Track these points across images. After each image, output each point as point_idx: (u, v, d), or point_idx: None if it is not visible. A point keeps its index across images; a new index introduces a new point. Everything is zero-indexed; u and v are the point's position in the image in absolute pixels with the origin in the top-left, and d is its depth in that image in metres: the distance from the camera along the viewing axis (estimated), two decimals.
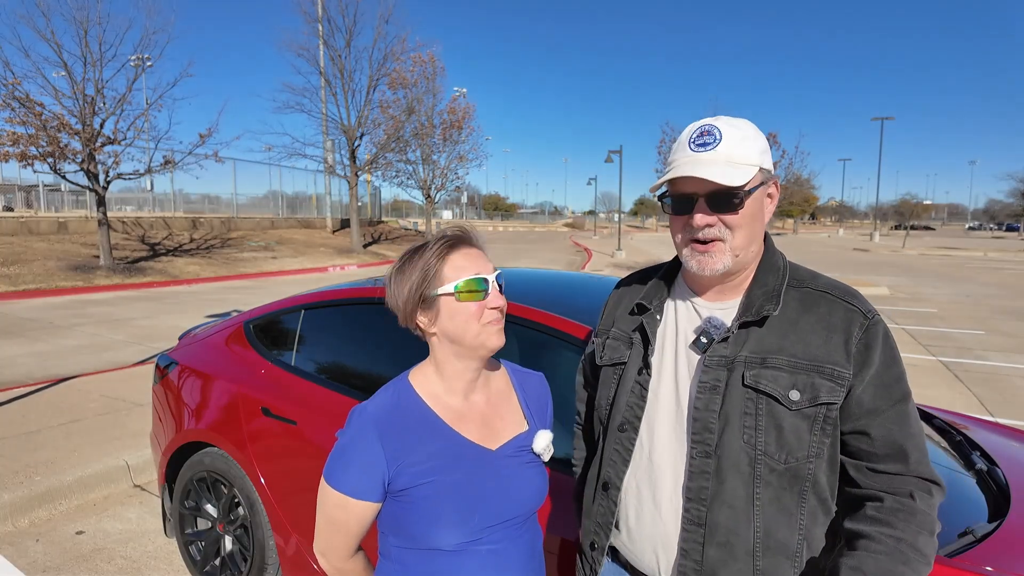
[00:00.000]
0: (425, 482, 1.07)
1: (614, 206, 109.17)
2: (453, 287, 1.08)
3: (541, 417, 1.29)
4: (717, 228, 1.05)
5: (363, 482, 1.06)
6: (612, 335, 1.27)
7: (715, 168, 1.02)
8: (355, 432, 1.09)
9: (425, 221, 32.42)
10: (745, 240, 1.07)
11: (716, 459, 1.04)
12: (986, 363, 7.25)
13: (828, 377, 1.01)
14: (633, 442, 1.16)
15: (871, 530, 0.99)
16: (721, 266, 1.06)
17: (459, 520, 1.07)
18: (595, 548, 1.23)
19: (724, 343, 1.07)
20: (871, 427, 1.02)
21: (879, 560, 0.95)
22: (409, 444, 1.08)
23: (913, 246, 36.36)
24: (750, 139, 1.06)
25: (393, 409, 1.11)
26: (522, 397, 1.27)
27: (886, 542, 0.97)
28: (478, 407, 1.18)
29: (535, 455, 1.21)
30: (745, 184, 1.03)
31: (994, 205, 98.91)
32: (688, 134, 1.09)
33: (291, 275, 17.67)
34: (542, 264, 22.03)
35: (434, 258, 1.09)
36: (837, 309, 1.05)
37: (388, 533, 1.13)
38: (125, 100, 14.68)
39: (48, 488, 3.49)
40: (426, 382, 1.16)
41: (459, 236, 1.13)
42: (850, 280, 15.68)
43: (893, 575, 0.94)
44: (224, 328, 2.95)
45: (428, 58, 27.40)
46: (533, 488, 1.18)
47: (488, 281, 1.11)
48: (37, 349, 7.40)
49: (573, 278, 2.89)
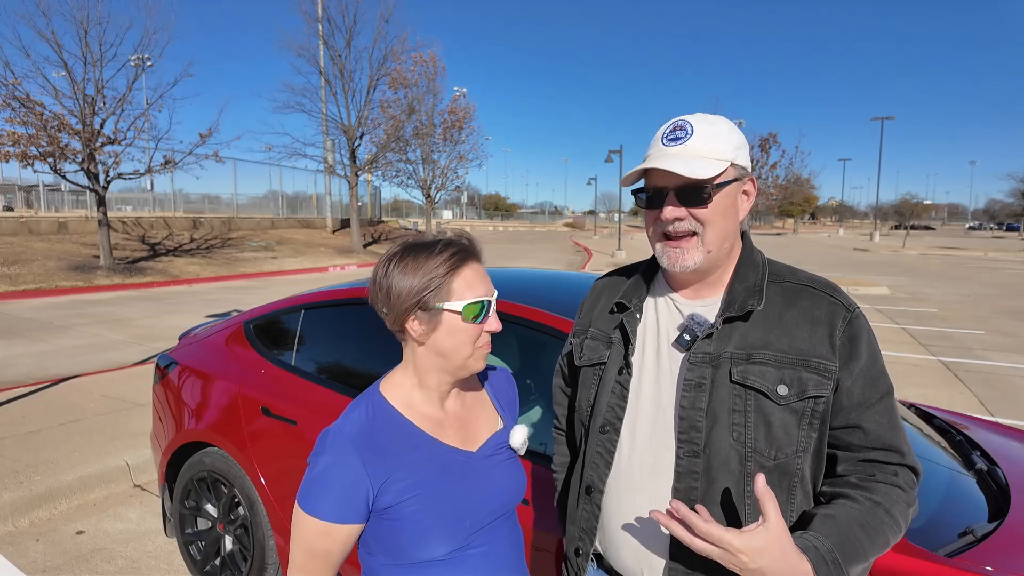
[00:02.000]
0: (412, 496, 1.04)
1: (614, 206, 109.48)
2: (462, 305, 1.04)
3: (512, 411, 1.28)
4: (688, 222, 1.05)
5: (345, 505, 1.01)
6: (590, 335, 1.25)
7: (681, 161, 1.02)
8: (333, 454, 1.02)
9: (425, 221, 32.43)
10: (717, 236, 1.06)
11: (705, 458, 1.03)
12: (986, 363, 7.25)
13: (815, 371, 1.01)
14: (615, 444, 1.14)
15: (850, 491, 1.02)
16: (692, 262, 1.06)
17: (450, 528, 1.05)
18: (580, 554, 1.21)
19: (708, 340, 1.06)
20: (863, 420, 1.02)
21: (852, 512, 0.98)
22: (391, 460, 1.04)
23: (913, 246, 36.35)
24: (723, 134, 1.05)
25: (370, 425, 1.06)
26: (492, 394, 1.26)
27: (863, 502, 0.99)
28: (454, 411, 1.16)
29: (513, 451, 1.20)
30: (714, 177, 1.02)
31: (994, 205, 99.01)
32: (663, 130, 1.09)
33: (291, 275, 17.67)
34: (542, 264, 22.03)
35: (443, 267, 1.04)
36: (820, 302, 1.05)
37: (376, 552, 1.08)
38: (125, 100, 14.72)
39: (48, 488, 3.50)
40: (400, 392, 1.12)
41: (471, 249, 1.09)
42: (850, 280, 15.69)
43: (865, 527, 0.96)
44: (224, 328, 2.95)
45: (429, 58, 27.45)
46: (515, 484, 1.18)
47: (491, 304, 1.08)
48: (37, 349, 7.40)
49: (572, 278, 2.89)
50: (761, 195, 28.60)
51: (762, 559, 0.87)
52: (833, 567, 0.91)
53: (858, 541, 0.95)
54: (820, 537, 0.94)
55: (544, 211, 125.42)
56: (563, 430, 1.42)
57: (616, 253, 26.22)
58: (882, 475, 1.02)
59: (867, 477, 1.02)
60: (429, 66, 27.59)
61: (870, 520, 0.97)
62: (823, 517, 0.98)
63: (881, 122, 47.73)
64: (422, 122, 27.54)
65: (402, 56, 25.48)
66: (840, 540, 0.94)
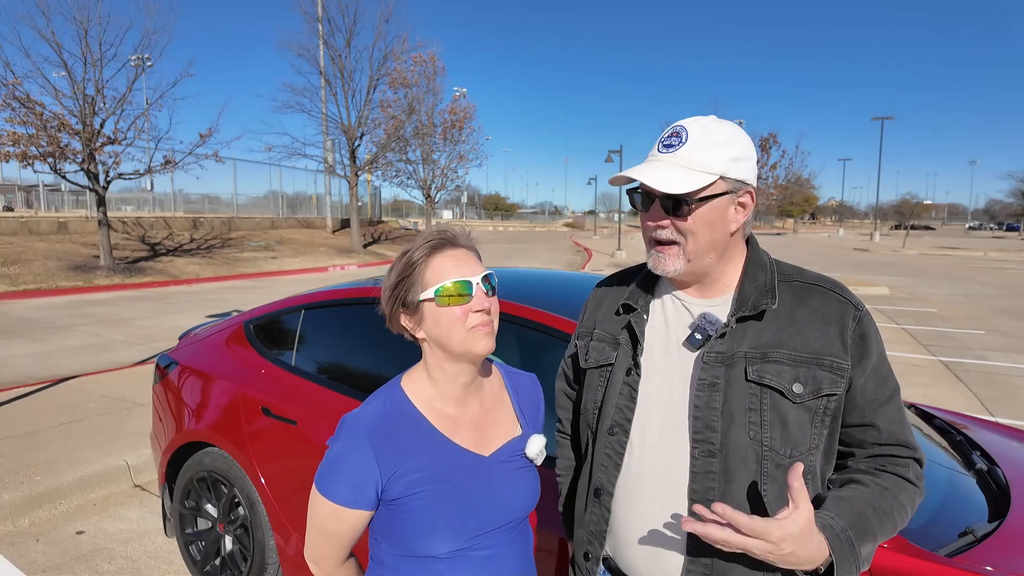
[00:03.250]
0: (419, 491, 1.06)
1: (614, 206, 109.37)
2: (433, 292, 1.05)
3: (534, 420, 1.26)
4: (670, 231, 1.06)
5: (356, 491, 1.04)
6: (596, 336, 1.24)
7: (660, 173, 1.02)
8: (347, 441, 1.06)
9: (425, 221, 32.44)
10: (699, 247, 1.05)
11: (722, 458, 1.03)
12: (986, 363, 7.25)
13: (828, 369, 1.02)
14: (624, 445, 1.13)
15: (861, 476, 1.05)
16: (672, 269, 1.07)
17: (453, 528, 1.06)
18: (589, 558, 1.20)
19: (721, 339, 1.06)
20: (877, 418, 1.04)
21: (864, 494, 1.01)
22: (402, 453, 1.06)
23: (913, 246, 36.34)
24: (718, 145, 1.03)
25: (385, 417, 1.09)
26: (515, 400, 1.25)
27: (874, 487, 1.02)
28: (471, 412, 1.16)
29: (528, 460, 1.19)
30: (695, 192, 1.01)
31: (994, 205, 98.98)
32: (664, 133, 1.09)
33: (291, 275, 17.67)
34: (542, 264, 22.03)
35: (414, 262, 1.07)
36: (830, 301, 1.07)
37: (381, 540, 1.11)
38: (125, 100, 14.72)
39: (48, 488, 3.50)
40: (418, 388, 1.14)
41: (443, 238, 1.10)
42: (851, 280, 15.68)
43: (876, 509, 0.99)
44: (224, 328, 2.95)
45: (428, 58, 27.47)
46: (526, 493, 1.17)
47: (472, 284, 1.07)
48: (37, 349, 7.40)
49: (573, 278, 2.89)
50: (761, 195, 28.51)
51: (796, 544, 0.90)
52: (847, 545, 0.94)
53: (869, 522, 0.98)
54: (835, 517, 0.96)
55: (544, 211, 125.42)
56: (567, 434, 1.41)
57: (616, 253, 26.22)
58: (892, 467, 1.05)
59: (878, 468, 1.05)
60: (429, 66, 27.62)
61: (881, 503, 1.00)
62: (836, 499, 1.01)
63: (881, 122, 47.72)
64: (422, 122, 27.56)
65: (402, 56, 25.51)
66: (853, 520, 0.97)
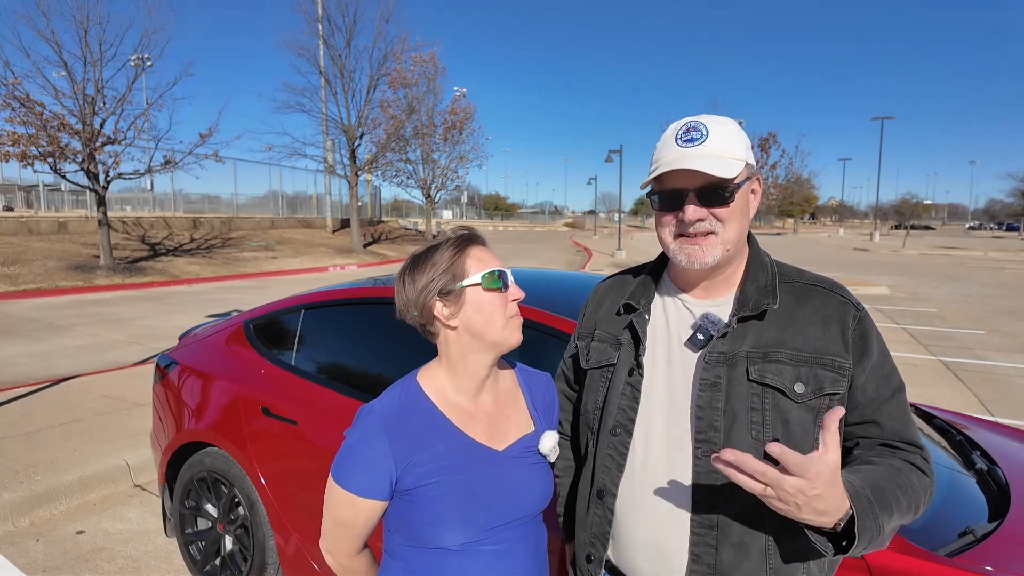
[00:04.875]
0: (432, 482, 1.07)
1: (614, 206, 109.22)
2: (480, 276, 1.09)
3: (548, 417, 1.28)
4: (708, 222, 1.06)
5: (371, 481, 1.07)
6: (597, 337, 1.25)
7: (707, 161, 1.03)
8: (363, 432, 1.09)
9: (425, 221, 32.43)
10: (735, 233, 1.08)
11: None
12: (986, 363, 7.25)
13: (830, 368, 1.02)
14: (627, 446, 1.13)
15: (871, 458, 1.04)
16: (711, 259, 1.07)
17: (465, 520, 1.07)
18: (591, 560, 1.19)
19: (723, 339, 1.07)
20: (879, 416, 1.05)
21: (877, 470, 0.99)
22: (417, 444, 1.08)
23: (913, 246, 36.34)
24: (734, 135, 1.07)
25: (401, 409, 1.11)
26: (529, 397, 1.26)
27: (885, 466, 1.01)
28: (486, 407, 1.18)
29: (541, 456, 1.20)
30: (735, 177, 1.04)
31: (994, 205, 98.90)
32: (674, 131, 1.09)
33: (291, 275, 17.67)
34: (542, 264, 22.02)
35: (453, 253, 1.10)
36: (830, 301, 1.08)
37: (394, 531, 1.13)
38: (125, 100, 14.70)
39: (48, 488, 3.50)
40: (434, 382, 1.16)
41: (474, 235, 1.15)
42: (851, 280, 15.68)
43: (892, 481, 0.97)
44: (224, 328, 2.95)
45: (428, 57, 27.44)
46: (539, 489, 1.18)
47: (508, 274, 1.13)
48: (38, 349, 7.40)
49: (573, 277, 2.89)
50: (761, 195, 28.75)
51: (824, 485, 0.85)
52: (867, 502, 0.90)
53: (887, 492, 0.95)
54: (853, 478, 0.94)
55: (544, 211, 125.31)
56: (566, 435, 1.41)
57: (616, 253, 26.22)
58: (900, 454, 1.05)
59: (887, 452, 1.05)
60: (429, 66, 27.59)
61: (896, 479, 0.98)
62: (851, 470, 0.98)
63: (881, 122, 47.72)
64: (422, 122, 27.53)
65: (402, 56, 25.48)
66: (872, 486, 0.94)
